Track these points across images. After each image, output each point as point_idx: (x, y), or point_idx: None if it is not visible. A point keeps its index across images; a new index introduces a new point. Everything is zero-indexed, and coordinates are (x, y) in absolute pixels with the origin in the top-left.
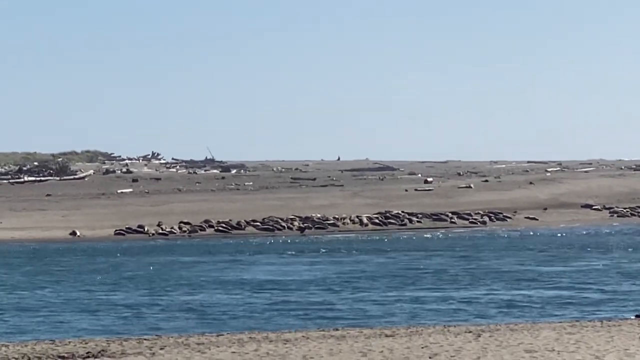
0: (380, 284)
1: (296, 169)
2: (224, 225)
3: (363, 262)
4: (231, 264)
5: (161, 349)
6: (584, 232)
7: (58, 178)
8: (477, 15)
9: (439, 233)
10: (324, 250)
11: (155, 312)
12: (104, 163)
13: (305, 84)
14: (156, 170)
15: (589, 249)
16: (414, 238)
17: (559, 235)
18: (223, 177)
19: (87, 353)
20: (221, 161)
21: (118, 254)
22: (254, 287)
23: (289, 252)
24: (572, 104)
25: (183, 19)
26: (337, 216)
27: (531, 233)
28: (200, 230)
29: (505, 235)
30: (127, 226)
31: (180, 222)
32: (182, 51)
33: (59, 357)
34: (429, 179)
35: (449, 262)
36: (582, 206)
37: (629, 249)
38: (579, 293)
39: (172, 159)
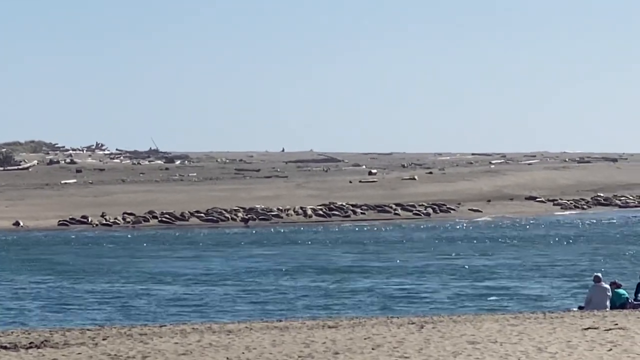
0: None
1: (240, 160)
2: (167, 216)
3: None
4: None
5: (104, 339)
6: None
7: (2, 168)
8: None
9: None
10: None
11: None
12: (48, 153)
13: (249, 75)
14: (100, 161)
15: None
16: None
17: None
18: (167, 168)
19: (29, 343)
20: (165, 152)
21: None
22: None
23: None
24: (516, 97)
25: (127, 10)
26: (281, 207)
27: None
28: (144, 221)
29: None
30: (70, 217)
31: (124, 213)
32: (125, 41)
33: (2, 347)
34: (373, 171)
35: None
36: (526, 198)
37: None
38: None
39: (116, 149)
